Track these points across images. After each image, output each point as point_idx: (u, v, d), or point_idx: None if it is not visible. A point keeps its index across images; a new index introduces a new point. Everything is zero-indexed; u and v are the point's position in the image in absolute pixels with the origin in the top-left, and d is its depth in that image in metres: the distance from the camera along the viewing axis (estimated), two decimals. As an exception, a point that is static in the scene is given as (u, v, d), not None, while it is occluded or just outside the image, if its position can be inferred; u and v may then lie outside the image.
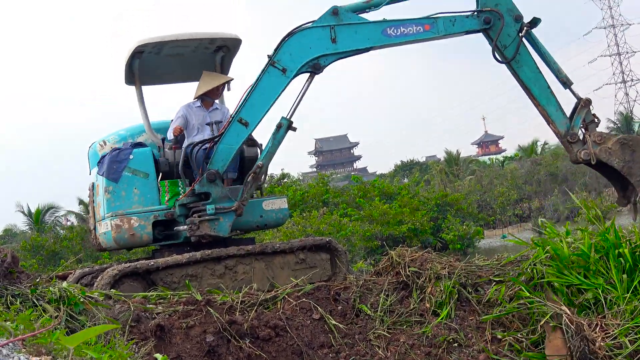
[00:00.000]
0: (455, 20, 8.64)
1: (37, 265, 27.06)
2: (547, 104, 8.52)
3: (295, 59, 8.66)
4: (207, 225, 8.85)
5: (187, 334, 6.59)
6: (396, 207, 28.45)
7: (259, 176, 9.09)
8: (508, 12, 8.52)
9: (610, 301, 6.83)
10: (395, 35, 8.63)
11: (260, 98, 8.77)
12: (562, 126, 8.49)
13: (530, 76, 8.57)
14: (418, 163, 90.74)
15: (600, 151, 8.26)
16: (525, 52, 8.59)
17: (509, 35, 8.52)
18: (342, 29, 8.61)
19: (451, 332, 7.12)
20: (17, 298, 5.60)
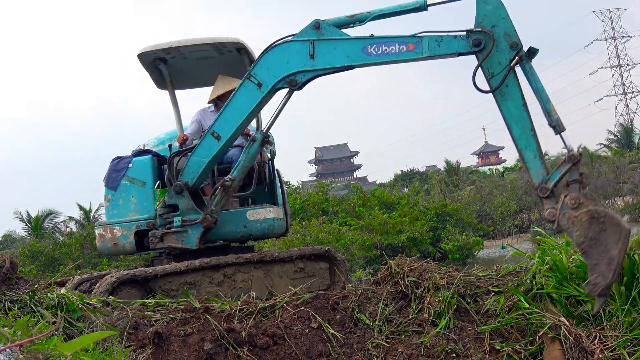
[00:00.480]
0: (441, 40, 7.55)
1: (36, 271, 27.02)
2: (525, 148, 7.33)
3: (272, 74, 8.18)
4: (173, 238, 8.83)
5: (185, 341, 6.58)
6: (396, 217, 28.44)
7: (230, 190, 8.84)
8: (505, 36, 7.28)
9: (609, 313, 6.82)
10: (376, 53, 7.78)
11: (234, 112, 8.47)
12: (537, 176, 7.30)
13: (514, 113, 7.32)
14: (418, 173, 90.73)
15: (563, 218, 6.97)
16: (514, 85, 7.32)
17: (499, 62, 7.28)
18: (321, 44, 7.96)
19: (449, 342, 7.11)
20: (15, 304, 5.60)
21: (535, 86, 7.27)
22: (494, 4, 7.33)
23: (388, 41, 7.70)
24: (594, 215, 6.72)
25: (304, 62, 7.98)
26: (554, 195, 7.11)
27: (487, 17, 7.36)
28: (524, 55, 7.24)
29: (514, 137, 7.33)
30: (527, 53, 7.32)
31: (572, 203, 6.88)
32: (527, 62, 7.27)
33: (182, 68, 10.26)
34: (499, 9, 7.32)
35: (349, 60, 7.87)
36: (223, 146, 8.62)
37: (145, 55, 9.69)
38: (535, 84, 7.27)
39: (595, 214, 6.72)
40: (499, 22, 7.32)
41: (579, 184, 6.99)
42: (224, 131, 8.53)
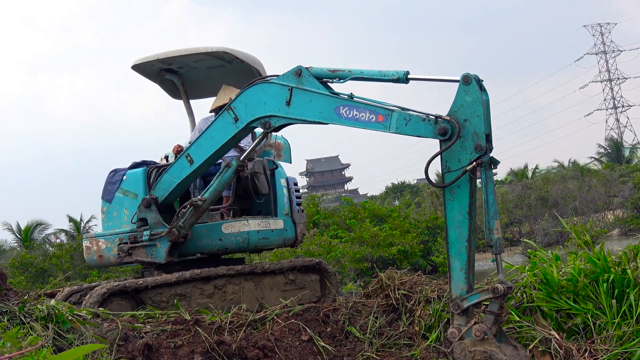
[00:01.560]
0: (410, 119, 6.86)
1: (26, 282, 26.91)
2: (455, 256, 6.62)
3: (249, 112, 7.98)
4: (143, 251, 8.85)
5: (175, 353, 6.56)
6: (387, 230, 28.45)
7: (201, 210, 8.71)
8: (473, 135, 6.48)
9: (600, 326, 6.83)
10: (346, 117, 7.28)
11: (209, 140, 8.39)
12: (456, 289, 6.54)
13: (456, 217, 6.64)
14: (409, 185, 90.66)
15: (459, 346, 6.36)
16: (465, 189, 6.60)
17: (459, 160, 6.54)
18: (298, 93, 7.57)
19: (440, 355, 7.11)
20: (5, 315, 5.58)
21: (486, 197, 6.56)
22: (474, 97, 6.55)
23: (361, 107, 7.20)
24: (486, 356, 6.18)
25: (279, 107, 7.72)
26: (467, 314, 6.47)
27: (463, 108, 6.59)
28: (486, 163, 6.49)
29: (448, 240, 6.70)
30: (490, 161, 6.56)
31: (477, 334, 6.26)
32: (487, 170, 6.53)
33: (195, 77, 10.31)
34: (477, 104, 6.53)
35: (320, 117, 7.50)
36: (194, 171, 8.58)
37: (142, 68, 9.72)
38: (487, 195, 6.55)
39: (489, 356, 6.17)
40: (472, 118, 6.54)
41: (495, 317, 6.33)
42: (197, 157, 8.49)
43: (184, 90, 10.30)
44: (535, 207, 47.90)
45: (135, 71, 9.89)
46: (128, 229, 9.26)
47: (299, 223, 10.36)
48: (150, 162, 9.87)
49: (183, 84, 10.22)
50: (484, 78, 6.67)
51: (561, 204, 46.82)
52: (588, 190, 48.82)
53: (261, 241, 9.53)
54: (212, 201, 8.70)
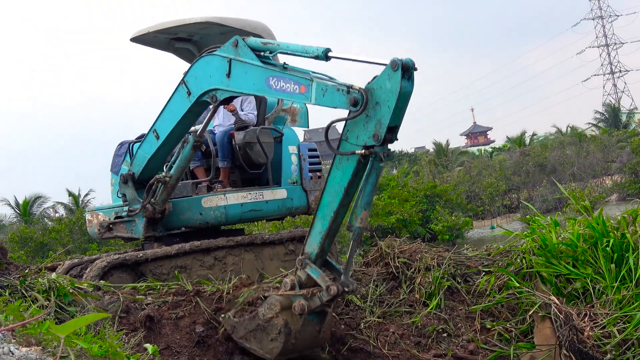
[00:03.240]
0: (327, 90, 6.43)
1: (26, 256, 26.96)
2: (319, 218, 6.50)
3: (198, 85, 7.84)
4: (123, 227, 8.91)
5: (176, 324, 6.59)
6: (385, 199, 28.48)
7: (169, 186, 8.66)
8: (376, 122, 5.99)
9: (599, 291, 6.86)
10: (275, 88, 6.97)
11: (169, 114, 8.30)
12: (309, 247, 6.48)
13: (335, 186, 6.42)
14: (407, 154, 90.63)
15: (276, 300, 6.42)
16: (352, 166, 6.25)
17: (357, 137, 6.16)
18: (236, 64, 7.38)
19: (440, 322, 7.14)
20: (6, 289, 5.59)
21: (364, 186, 6.22)
22: (393, 87, 5.94)
23: (287, 78, 6.86)
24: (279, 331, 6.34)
25: (221, 80, 7.54)
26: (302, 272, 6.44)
27: (380, 90, 6.03)
28: (377, 154, 6.04)
29: (321, 201, 6.54)
30: (383, 153, 6.08)
31: (296, 309, 6.28)
32: (376, 161, 6.12)
33: (210, 43, 10.14)
34: (392, 95, 5.93)
35: (254, 89, 7.30)
36: (161, 145, 8.52)
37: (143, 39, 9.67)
38: (368, 184, 6.20)
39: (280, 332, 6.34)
40: (383, 105, 5.99)
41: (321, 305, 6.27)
42: (162, 131, 8.43)
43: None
44: (533, 173, 47.97)
45: (137, 43, 9.81)
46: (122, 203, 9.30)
47: (313, 190, 10.30)
48: None
49: (199, 50, 10.13)
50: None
51: (559, 170, 46.89)
52: (586, 156, 48.86)
53: (248, 213, 9.46)
54: (178, 177, 8.65)
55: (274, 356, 6.37)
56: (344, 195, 6.29)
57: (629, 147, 47.92)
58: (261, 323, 6.41)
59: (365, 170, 6.14)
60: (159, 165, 8.99)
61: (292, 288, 6.39)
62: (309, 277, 6.37)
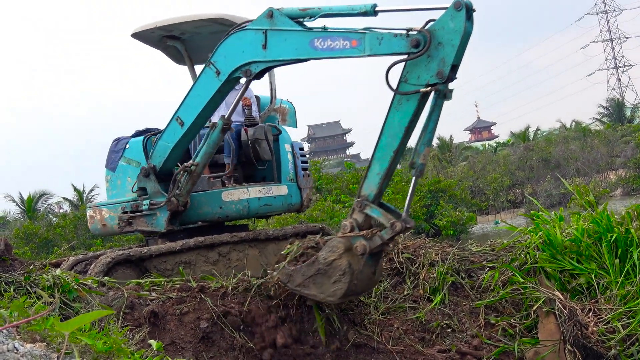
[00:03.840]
0: (382, 38, 6.68)
1: (30, 252, 27.02)
2: (377, 160, 6.80)
3: (229, 62, 7.93)
4: (143, 221, 8.86)
5: (181, 320, 6.59)
6: (389, 194, 28.44)
7: (195, 174, 8.70)
8: (440, 61, 6.36)
9: (603, 286, 6.86)
10: (322, 48, 7.16)
11: (196, 99, 8.38)
12: (367, 189, 6.77)
13: (394, 126, 6.70)
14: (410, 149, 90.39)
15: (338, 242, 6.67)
16: (413, 106, 6.59)
17: (418, 77, 6.46)
18: (273, 34, 7.51)
19: (445, 317, 7.15)
20: (11, 285, 5.59)
21: (428, 123, 6.65)
22: (457, 26, 6.31)
23: (334, 36, 7.07)
24: (344, 272, 6.55)
25: (256, 52, 7.65)
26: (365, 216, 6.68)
27: (442, 31, 6.37)
28: (441, 91, 6.48)
29: (378, 143, 6.81)
30: (445, 91, 6.54)
31: (358, 249, 6.54)
32: (439, 99, 6.57)
33: (198, 43, 10.19)
34: (457, 34, 6.31)
35: (297, 54, 7.40)
36: (187, 132, 8.55)
37: (142, 35, 9.66)
38: (431, 121, 6.64)
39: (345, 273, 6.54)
40: (447, 45, 6.35)
41: (382, 244, 6.56)
42: (187, 117, 8.47)
43: (187, 55, 10.24)
44: (537, 168, 47.87)
45: (136, 39, 9.82)
46: (131, 197, 9.28)
47: (305, 188, 10.35)
48: (153, 129, 9.85)
49: (187, 49, 10.14)
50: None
51: (563, 165, 46.80)
52: (590, 150, 48.74)
53: (263, 208, 9.56)
54: (204, 165, 8.69)
55: (337, 298, 6.60)
56: (404, 135, 6.66)
57: (633, 142, 47.82)
58: (322, 267, 6.66)
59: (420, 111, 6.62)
60: (180, 155, 9.03)
61: (351, 230, 6.65)
62: (366, 219, 6.66)
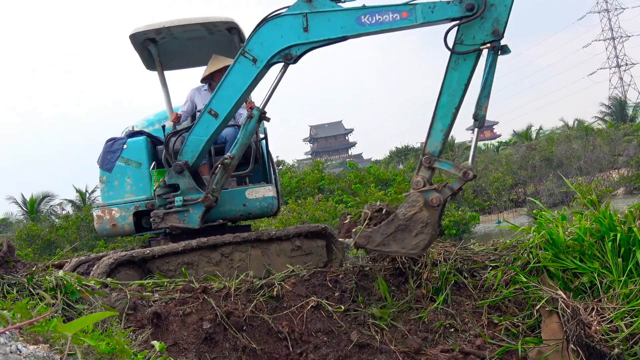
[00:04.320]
0: (435, 6, 7.46)
1: (33, 254, 27.03)
2: (440, 118, 7.44)
3: (266, 49, 8.17)
4: (175, 217, 8.84)
5: (183, 321, 6.59)
6: (392, 194, 28.44)
7: (230, 167, 8.83)
8: (494, 20, 7.23)
9: (606, 285, 6.85)
10: (370, 23, 7.77)
11: (230, 89, 8.48)
12: (431, 146, 7.43)
13: (453, 85, 7.41)
14: (413, 149, 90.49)
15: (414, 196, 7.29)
16: (470, 64, 7.38)
17: (474, 37, 7.28)
18: (314, 16, 7.93)
19: (448, 317, 7.14)
20: (14, 287, 5.60)
21: (487, 77, 7.33)
22: None
23: (382, 10, 7.70)
24: (425, 224, 7.18)
25: (298, 35, 7.99)
26: (433, 171, 7.49)
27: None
28: (497, 48, 7.25)
29: (439, 103, 7.46)
30: (500, 47, 7.30)
31: (433, 201, 7.27)
32: (495, 55, 7.30)
33: (172, 48, 10.24)
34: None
35: (343, 32, 7.88)
36: (221, 123, 8.63)
37: (137, 36, 9.65)
38: (489, 75, 7.32)
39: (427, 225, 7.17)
40: (499, 5, 7.20)
41: (452, 194, 7.37)
42: (221, 108, 8.53)
43: (159, 60, 10.21)
44: (539, 167, 47.86)
45: (131, 40, 9.78)
46: (145, 196, 9.30)
47: (280, 193, 10.62)
48: (144, 132, 9.88)
49: (159, 54, 10.14)
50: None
51: (566, 164, 46.79)
52: (592, 149, 48.73)
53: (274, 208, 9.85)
54: (239, 157, 8.79)
55: (420, 250, 7.24)
56: (463, 92, 7.39)
57: (636, 141, 47.86)
58: (402, 223, 7.22)
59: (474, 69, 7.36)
60: (208, 150, 9.16)
61: (424, 185, 7.36)
62: (432, 174, 7.48)
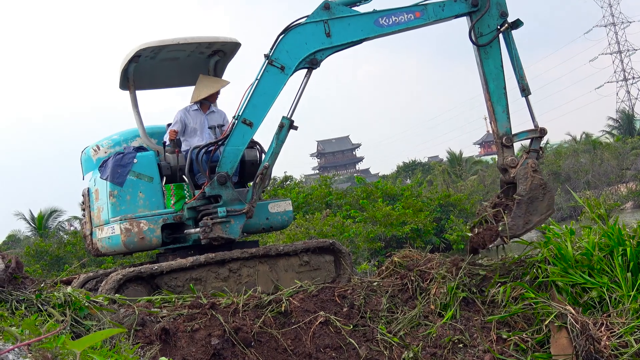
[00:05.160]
0: (444, 5, 8.73)
1: (41, 270, 27.01)
2: (497, 102, 8.57)
3: (293, 56, 8.74)
4: (219, 228, 8.90)
5: (192, 337, 6.59)
6: (399, 208, 28.38)
7: (266, 177, 9.14)
8: (497, 5, 8.58)
9: (615, 300, 6.82)
10: (388, 24, 8.74)
11: (262, 97, 8.85)
12: (502, 127, 8.54)
13: (493, 71, 8.58)
14: (420, 164, 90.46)
15: (522, 170, 8.27)
16: (497, 48, 8.63)
17: (488, 25, 8.58)
18: (335, 22, 8.69)
19: (456, 332, 7.11)
20: (22, 303, 5.60)
21: (513, 53, 8.61)
22: None
23: (396, 12, 8.71)
24: (544, 186, 8.24)
25: (321, 40, 8.68)
26: (512, 147, 8.52)
27: None
28: (509, 24, 8.56)
29: (489, 91, 8.53)
30: (512, 23, 8.60)
31: (532, 165, 8.25)
32: (511, 32, 8.60)
33: (145, 69, 10.28)
34: None
35: (363, 34, 8.72)
36: (254, 132, 9.01)
37: (142, 51, 9.65)
38: (513, 51, 8.61)
39: (545, 185, 8.28)
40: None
41: (538, 153, 8.50)
42: (255, 117, 8.92)
43: (132, 79, 10.25)
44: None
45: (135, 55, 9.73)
46: (172, 210, 9.35)
47: None
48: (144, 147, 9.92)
49: (134, 73, 10.18)
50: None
51: (573, 178, 46.62)
52: (600, 163, 48.57)
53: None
54: (273, 166, 9.21)
55: (553, 206, 8.36)
56: (502, 72, 8.57)
57: (644, 154, 47.66)
58: (527, 197, 8.12)
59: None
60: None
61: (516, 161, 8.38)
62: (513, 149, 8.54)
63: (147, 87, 11.18)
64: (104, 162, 9.64)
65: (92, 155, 10.11)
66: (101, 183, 9.52)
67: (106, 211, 9.40)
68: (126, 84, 10.27)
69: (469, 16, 8.81)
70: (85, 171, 10.37)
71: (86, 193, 10.07)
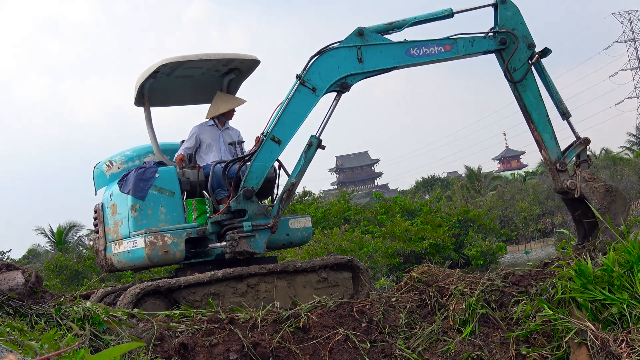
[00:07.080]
0: (474, 41, 9.08)
1: (61, 285, 27.12)
2: (543, 130, 8.98)
3: (324, 78, 8.92)
4: (244, 242, 8.95)
5: (210, 352, 6.59)
6: (418, 224, 28.32)
7: (292, 194, 9.31)
8: (523, 38, 8.99)
9: (636, 316, 6.76)
10: (418, 55, 9.01)
11: (291, 117, 9.01)
12: (553, 154, 8.97)
13: (533, 102, 9.00)
14: (439, 179, 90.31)
15: (586, 187, 8.69)
16: (532, 79, 9.06)
17: (519, 59, 9.00)
18: (367, 49, 8.94)
19: (475, 348, 7.08)
20: (42, 317, 5.62)
21: (547, 80, 9.04)
22: (513, 11, 9.07)
23: (428, 44, 9.03)
24: (608, 189, 8.67)
25: (353, 65, 8.91)
26: (567, 169, 8.86)
27: (507, 21, 9.06)
28: (537, 55, 8.97)
29: (534, 121, 8.96)
30: (540, 52, 9.00)
31: (588, 177, 8.66)
32: (541, 61, 9.00)
33: (160, 86, 10.35)
34: (518, 15, 9.09)
35: (394, 62, 9.01)
36: (282, 149, 9.13)
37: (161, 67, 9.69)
38: (547, 78, 9.04)
39: (610, 187, 8.70)
40: (517, 26, 9.05)
41: (587, 162, 8.94)
42: (284, 135, 9.07)
43: (147, 96, 10.32)
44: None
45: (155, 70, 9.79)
46: (195, 224, 9.38)
47: None
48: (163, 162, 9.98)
49: (149, 89, 10.24)
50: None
51: (593, 194, 46.27)
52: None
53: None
54: (299, 183, 9.34)
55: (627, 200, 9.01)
56: (542, 100, 9.04)
57: (664, 170, 47.33)
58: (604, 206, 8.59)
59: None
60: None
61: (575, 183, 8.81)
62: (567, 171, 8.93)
63: (162, 104, 11.27)
64: (123, 176, 9.64)
65: (106, 170, 10.17)
66: (119, 197, 9.53)
67: (126, 225, 9.39)
68: (141, 100, 10.34)
69: (497, 53, 9.14)
70: (97, 187, 10.42)
71: (100, 208, 10.07)
